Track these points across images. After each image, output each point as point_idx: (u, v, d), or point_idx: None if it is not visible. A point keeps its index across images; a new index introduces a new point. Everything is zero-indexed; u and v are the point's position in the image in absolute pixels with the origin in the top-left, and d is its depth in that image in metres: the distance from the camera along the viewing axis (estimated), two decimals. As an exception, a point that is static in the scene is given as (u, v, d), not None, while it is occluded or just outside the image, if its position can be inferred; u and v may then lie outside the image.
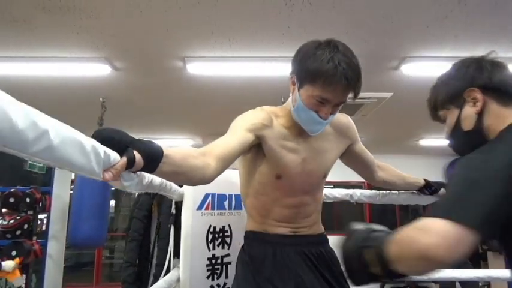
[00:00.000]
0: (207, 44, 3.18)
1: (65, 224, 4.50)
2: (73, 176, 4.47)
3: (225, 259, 1.71)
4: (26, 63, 3.48)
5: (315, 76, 1.13)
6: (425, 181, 1.70)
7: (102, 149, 0.66)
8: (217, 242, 1.69)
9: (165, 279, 1.55)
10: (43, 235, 4.45)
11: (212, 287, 1.67)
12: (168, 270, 1.75)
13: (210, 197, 1.69)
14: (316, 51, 1.14)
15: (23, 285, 3.14)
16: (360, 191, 1.87)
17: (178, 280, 1.61)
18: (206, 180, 1.01)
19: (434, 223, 0.74)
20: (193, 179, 0.98)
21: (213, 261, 1.68)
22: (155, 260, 1.93)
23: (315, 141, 1.31)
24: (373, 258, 0.84)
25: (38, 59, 3.40)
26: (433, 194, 1.71)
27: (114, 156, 0.70)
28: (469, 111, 0.99)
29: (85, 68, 3.59)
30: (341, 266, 1.38)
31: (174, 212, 1.76)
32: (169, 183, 1.28)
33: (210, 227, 1.68)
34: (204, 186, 1.64)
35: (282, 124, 1.28)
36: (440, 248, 0.71)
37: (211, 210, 1.69)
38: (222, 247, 1.71)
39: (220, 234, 1.71)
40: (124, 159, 0.71)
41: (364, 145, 1.50)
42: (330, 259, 1.36)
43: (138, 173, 0.82)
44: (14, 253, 3.73)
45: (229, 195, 1.74)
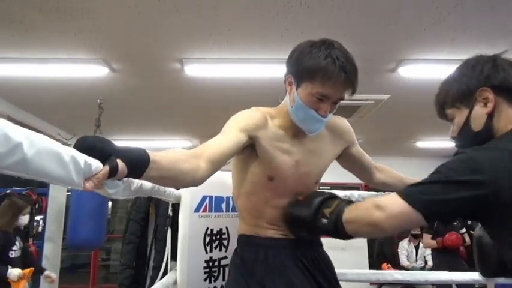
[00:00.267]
0: (205, 46, 3.18)
1: (61, 226, 4.49)
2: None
3: (222, 261, 1.70)
4: (22, 64, 3.47)
5: (313, 72, 1.13)
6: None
7: (83, 158, 0.66)
8: (214, 245, 1.69)
9: (162, 282, 1.54)
10: (39, 236, 4.44)
11: (209, 289, 1.66)
12: (165, 272, 1.74)
13: (208, 199, 1.69)
14: (311, 49, 1.15)
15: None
16: (358, 193, 1.87)
17: (175, 283, 1.60)
18: (196, 182, 1.00)
19: (392, 202, 0.93)
20: (182, 182, 0.98)
21: (211, 264, 1.67)
22: (152, 263, 1.92)
23: (309, 143, 1.30)
24: (331, 212, 1.09)
25: (34, 60, 3.39)
26: None
27: (97, 165, 0.69)
28: (479, 112, 0.97)
29: (82, 70, 3.58)
30: (335, 270, 1.38)
31: (171, 215, 1.76)
32: (162, 187, 1.26)
33: (208, 229, 1.67)
34: (201, 188, 1.63)
35: (277, 125, 1.27)
36: (386, 223, 0.94)
37: (208, 212, 1.69)
38: (220, 249, 1.70)
39: (218, 237, 1.71)
40: (106, 168, 0.71)
41: (361, 147, 1.49)
42: (324, 263, 1.35)
43: (125, 179, 0.81)
44: (10, 255, 3.71)
45: (227, 198, 1.73)
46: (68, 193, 4.68)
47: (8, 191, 4.26)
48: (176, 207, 1.69)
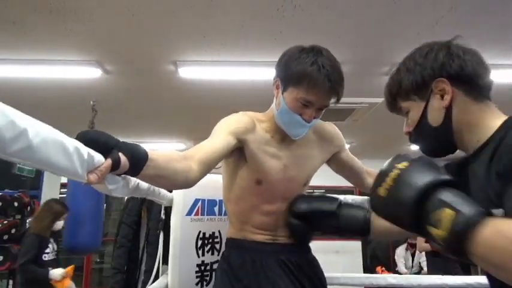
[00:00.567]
0: (199, 48, 3.17)
1: (53, 229, 4.44)
2: (63, 180, 4.41)
3: (214, 266, 1.69)
4: (15, 65, 3.44)
5: (299, 78, 1.15)
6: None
7: (86, 150, 0.64)
8: (206, 248, 1.67)
9: (154, 286, 1.53)
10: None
11: (201, 293, 1.65)
12: (156, 276, 1.73)
13: (200, 202, 1.67)
14: (300, 55, 1.17)
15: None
16: (352, 197, 1.86)
17: (167, 287, 1.59)
18: (189, 183, 1.01)
19: None
20: (176, 182, 0.98)
21: (202, 268, 1.66)
22: (144, 266, 1.90)
23: (297, 148, 1.31)
24: (447, 222, 0.65)
25: (28, 61, 3.36)
26: None
27: (99, 158, 0.68)
28: (436, 105, 0.87)
29: (76, 71, 3.56)
30: (324, 275, 1.38)
31: (163, 218, 1.74)
32: (157, 188, 1.26)
33: (200, 232, 1.66)
34: (194, 191, 1.63)
35: (264, 129, 1.28)
36: None
37: (201, 215, 1.67)
38: (212, 253, 1.69)
39: (210, 241, 1.69)
40: (109, 161, 0.70)
41: (355, 150, 1.50)
42: (311, 268, 1.35)
43: (123, 176, 0.80)
44: (0, 258, 3.68)
45: (220, 201, 1.72)
46: (62, 195, 4.64)
47: (0, 193, 4.22)
48: (168, 211, 1.68)
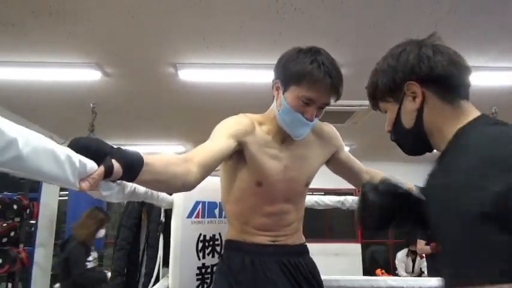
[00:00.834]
0: (199, 51, 3.17)
1: (53, 231, 4.43)
2: (62, 183, 4.41)
3: (215, 268, 1.68)
4: (15, 68, 3.44)
5: (299, 77, 1.16)
6: (415, 187, 1.69)
7: (78, 157, 0.64)
8: (207, 251, 1.67)
9: (154, 289, 1.52)
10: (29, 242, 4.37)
11: (202, 296, 1.64)
12: (157, 279, 1.72)
13: (200, 204, 1.67)
14: (298, 55, 1.18)
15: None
16: (352, 198, 1.86)
17: (168, 289, 1.58)
18: (188, 187, 1.00)
19: None
20: (174, 186, 0.98)
21: (203, 270, 1.65)
22: (144, 269, 1.89)
23: (297, 148, 1.31)
24: None
25: (27, 64, 3.36)
26: None
27: (91, 165, 0.68)
28: (409, 107, 0.88)
29: (75, 74, 3.56)
30: (320, 277, 1.38)
31: (164, 220, 1.74)
32: (155, 192, 1.25)
33: (200, 235, 1.65)
34: (194, 193, 1.62)
35: (264, 131, 1.29)
36: None
37: (201, 218, 1.67)
38: (212, 256, 1.68)
39: (211, 243, 1.69)
40: (102, 168, 0.70)
41: (355, 152, 1.50)
42: (310, 270, 1.35)
43: (119, 181, 0.80)
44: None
45: (220, 203, 1.72)
46: (61, 198, 4.63)
47: (-1, 196, 4.20)
48: (169, 213, 1.67)
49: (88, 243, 3.39)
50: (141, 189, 1.00)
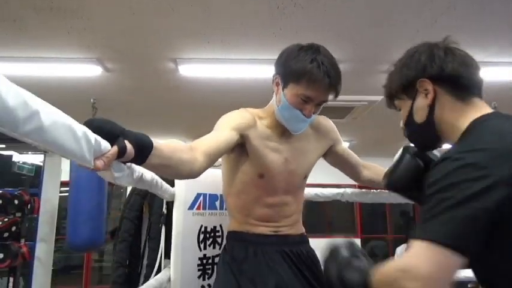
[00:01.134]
0: (199, 46, 3.18)
1: (53, 227, 4.45)
2: (62, 178, 4.42)
3: (216, 259, 1.70)
4: (15, 63, 3.46)
5: (299, 75, 1.19)
6: None
7: (93, 136, 0.65)
8: (208, 242, 1.69)
9: (156, 279, 1.54)
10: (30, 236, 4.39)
11: (203, 287, 1.66)
12: (158, 270, 1.74)
13: (202, 196, 1.69)
14: (299, 53, 1.21)
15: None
16: (351, 190, 1.87)
17: (169, 280, 1.60)
18: (194, 174, 1.02)
19: (415, 253, 0.72)
20: (181, 172, 0.99)
21: (204, 261, 1.67)
22: (146, 261, 1.92)
23: (296, 142, 1.35)
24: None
25: (28, 59, 3.37)
26: None
27: (105, 145, 0.69)
28: (421, 103, 0.94)
29: (76, 69, 3.57)
30: (321, 266, 1.40)
31: (165, 212, 1.76)
32: (160, 181, 1.28)
33: (202, 226, 1.68)
34: (195, 185, 1.65)
35: (265, 125, 1.32)
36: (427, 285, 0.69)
37: (202, 210, 1.69)
38: (213, 247, 1.71)
39: (212, 234, 1.71)
40: (115, 148, 0.71)
41: (355, 148, 1.53)
42: (310, 259, 1.39)
43: (128, 165, 0.82)
44: (1, 256, 3.68)
45: (221, 195, 1.73)
46: (61, 194, 4.65)
47: (0, 191, 4.22)
48: (170, 205, 1.70)
49: None
50: (147, 176, 1.02)
